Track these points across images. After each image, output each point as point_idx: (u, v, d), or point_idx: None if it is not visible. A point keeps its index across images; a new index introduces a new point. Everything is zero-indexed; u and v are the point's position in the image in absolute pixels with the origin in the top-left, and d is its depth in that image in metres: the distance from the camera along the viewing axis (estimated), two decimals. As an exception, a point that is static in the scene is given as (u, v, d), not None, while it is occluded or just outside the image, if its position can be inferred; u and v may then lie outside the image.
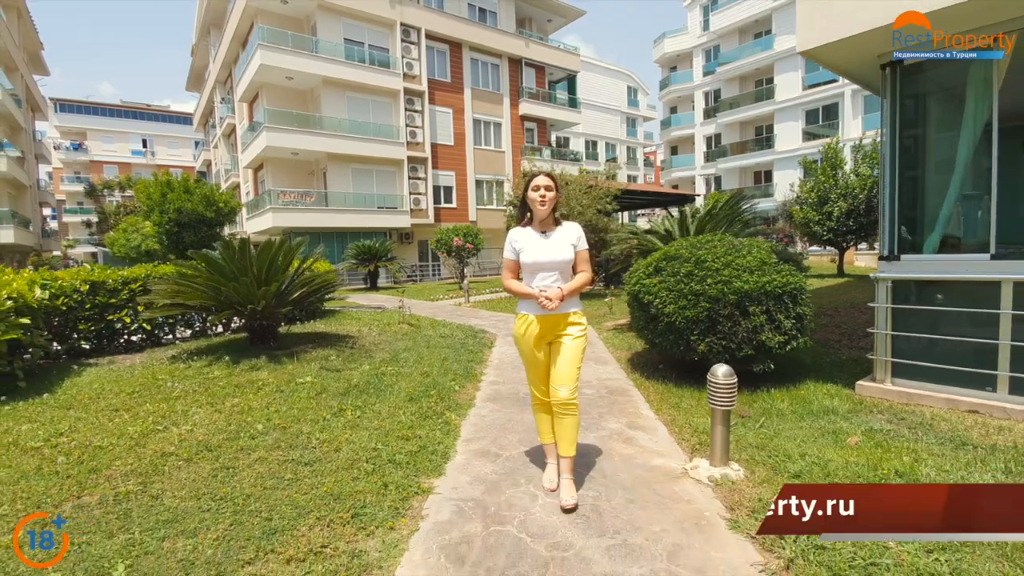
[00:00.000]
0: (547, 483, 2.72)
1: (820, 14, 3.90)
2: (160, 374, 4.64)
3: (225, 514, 2.42)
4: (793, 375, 4.64)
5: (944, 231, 3.99)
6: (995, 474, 2.62)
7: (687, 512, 2.47)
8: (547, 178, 2.60)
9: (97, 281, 5.74)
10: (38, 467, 2.88)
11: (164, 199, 13.41)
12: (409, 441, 3.35)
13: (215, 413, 3.71)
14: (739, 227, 6.97)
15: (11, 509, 2.48)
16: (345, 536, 2.27)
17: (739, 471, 2.80)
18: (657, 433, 3.54)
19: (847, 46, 3.92)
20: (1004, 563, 1.92)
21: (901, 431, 3.27)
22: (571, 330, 2.60)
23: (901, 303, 4.06)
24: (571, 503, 2.49)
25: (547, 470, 2.80)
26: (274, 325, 5.54)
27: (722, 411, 2.79)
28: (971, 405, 3.69)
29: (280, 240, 5.24)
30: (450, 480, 2.86)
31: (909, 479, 2.57)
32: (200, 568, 2.03)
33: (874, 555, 1.98)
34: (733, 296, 4.13)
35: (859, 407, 3.82)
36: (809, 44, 3.99)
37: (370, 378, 4.63)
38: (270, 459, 3.02)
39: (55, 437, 3.29)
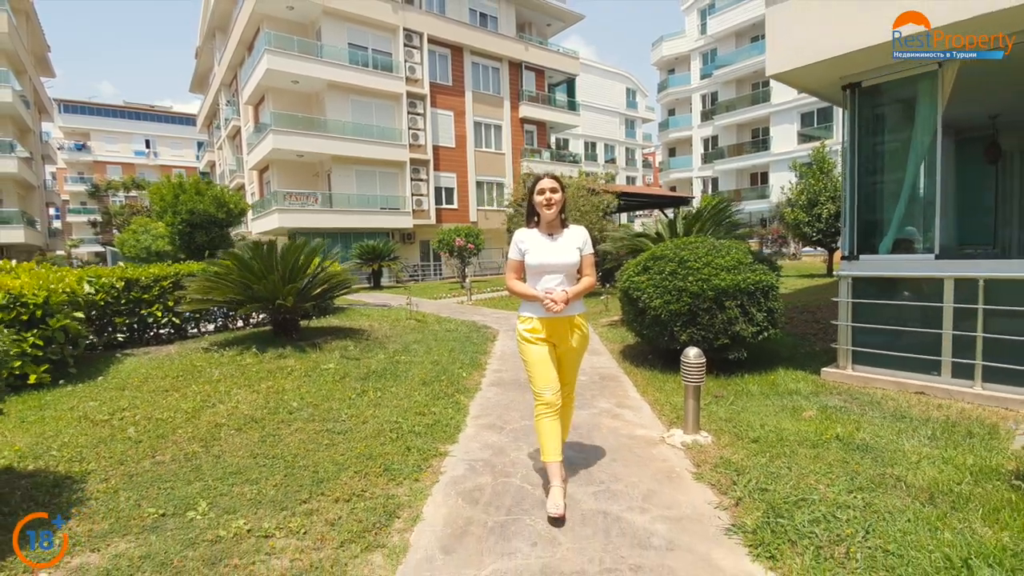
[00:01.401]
0: (552, 508, 2.39)
1: (785, 44, 4.40)
2: (197, 362, 5.15)
3: (279, 468, 2.92)
4: (767, 363, 5.14)
5: (897, 234, 4.49)
6: (921, 439, 3.13)
7: (661, 468, 2.97)
8: (552, 180, 2.59)
9: (131, 278, 6.23)
10: (111, 435, 3.39)
11: (177, 200, 13.87)
12: (425, 416, 3.85)
13: (253, 393, 4.21)
14: (724, 230, 7.48)
15: (98, 466, 2.98)
16: (379, 485, 2.78)
17: (708, 437, 3.31)
18: (641, 411, 4.04)
19: (811, 71, 4.43)
20: (909, 499, 2.42)
21: (852, 408, 3.78)
22: (574, 335, 2.63)
23: (860, 298, 4.57)
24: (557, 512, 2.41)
25: (552, 493, 2.47)
26: (296, 319, 6.05)
27: (693, 387, 3.30)
28: (918, 387, 4.20)
29: (303, 242, 5.75)
30: (462, 446, 3.37)
31: (846, 442, 3.08)
32: (267, 505, 2.54)
33: (804, 493, 2.48)
34: (711, 292, 4.63)
35: (821, 389, 4.33)
36: (777, 69, 4.49)
37: (386, 365, 5.14)
38: (308, 429, 3.52)
39: (119, 412, 3.80)
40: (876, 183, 4.67)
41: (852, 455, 2.91)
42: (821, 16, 4.21)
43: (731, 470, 2.81)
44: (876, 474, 2.66)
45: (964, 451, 2.90)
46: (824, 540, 2.12)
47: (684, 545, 2.20)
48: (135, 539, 2.24)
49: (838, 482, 2.58)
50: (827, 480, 2.61)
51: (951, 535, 2.07)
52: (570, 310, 2.57)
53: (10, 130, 25.58)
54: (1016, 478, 2.49)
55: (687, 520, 2.41)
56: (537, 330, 2.58)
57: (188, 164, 50.86)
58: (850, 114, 4.55)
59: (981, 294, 3.86)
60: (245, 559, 2.10)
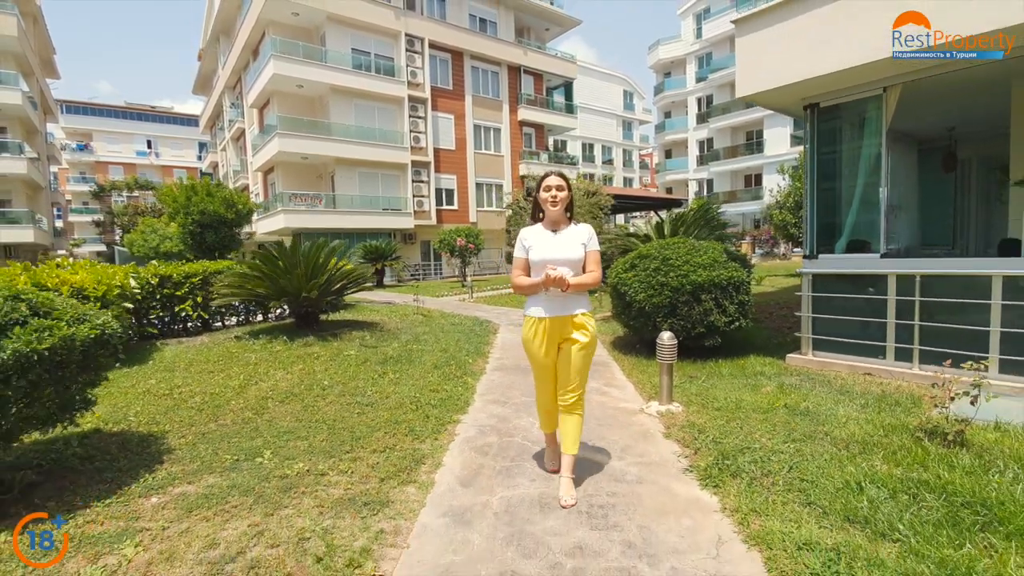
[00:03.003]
0: (548, 463, 2.87)
1: (752, 71, 5.03)
2: (232, 349, 5.76)
3: (323, 429, 3.54)
4: (741, 351, 5.76)
5: (851, 235, 5.13)
6: (854, 407, 3.75)
7: (638, 430, 3.59)
8: (559, 178, 2.62)
9: (165, 275, 6.83)
10: (176, 405, 4.00)
11: (189, 202, 14.47)
12: (439, 393, 4.46)
13: (288, 374, 4.83)
14: (707, 231, 8.11)
15: (172, 427, 3.59)
16: (406, 442, 3.39)
17: (679, 407, 3.93)
18: (626, 389, 4.67)
19: (775, 93, 5.06)
20: (830, 447, 3.04)
21: (804, 385, 4.41)
22: (579, 335, 2.58)
23: (819, 292, 5.20)
24: (570, 502, 2.53)
25: (546, 453, 2.95)
26: (317, 312, 6.66)
27: (667, 364, 3.92)
28: (867, 369, 4.83)
29: (323, 242, 6.36)
30: (472, 416, 3.98)
31: (792, 409, 3.71)
32: (318, 454, 3.15)
33: (749, 443, 3.11)
34: (689, 287, 5.26)
35: (783, 372, 4.95)
36: (746, 92, 5.12)
37: (401, 352, 5.76)
38: (340, 402, 4.14)
39: (176, 388, 4.41)
40: (832, 190, 5.30)
41: (794, 418, 3.53)
42: (783, 48, 4.83)
43: (694, 430, 3.44)
44: (809, 431, 3.29)
45: (886, 415, 3.53)
46: (757, 473, 2.74)
47: (650, 480, 2.82)
48: (220, 476, 2.85)
49: (777, 436, 3.21)
50: (769, 435, 3.24)
51: (854, 468, 2.70)
52: (572, 307, 2.56)
53: (19, 132, 26.10)
54: (919, 432, 3.11)
55: (655, 464, 3.03)
56: (540, 333, 2.57)
57: (189, 164, 51.37)
58: (809, 130, 5.18)
59: (918, 288, 4.49)
60: (309, 488, 2.71)
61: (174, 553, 2.15)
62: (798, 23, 4.66)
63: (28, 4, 26.80)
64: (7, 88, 23.81)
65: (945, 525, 2.15)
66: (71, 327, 2.46)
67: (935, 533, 2.10)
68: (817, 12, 4.46)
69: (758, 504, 2.44)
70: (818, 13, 4.46)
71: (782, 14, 4.77)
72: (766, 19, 4.86)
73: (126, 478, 2.80)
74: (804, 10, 4.61)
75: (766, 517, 2.33)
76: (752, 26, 4.98)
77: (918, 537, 2.08)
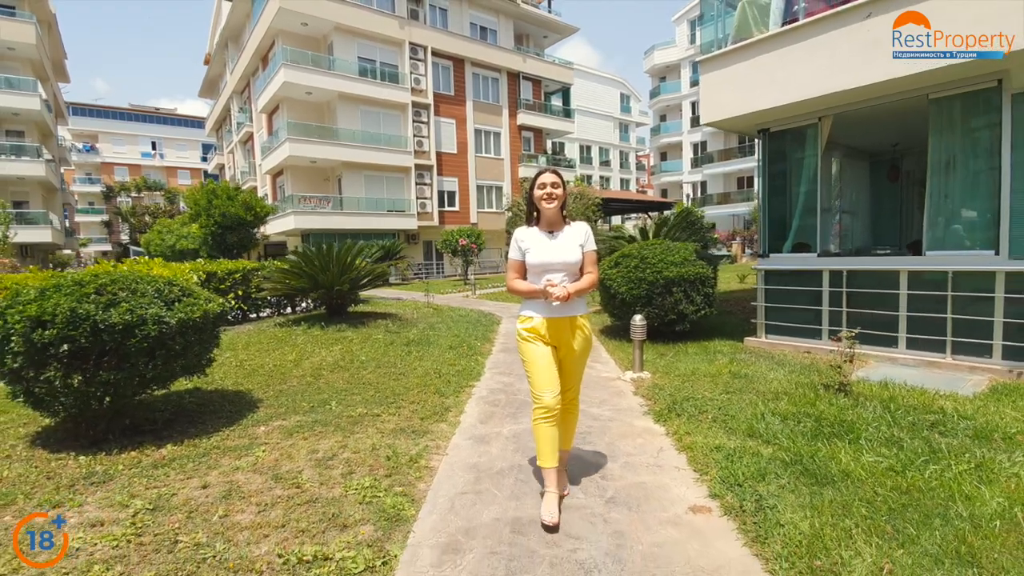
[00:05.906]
0: (546, 516, 2.34)
1: (714, 102, 6.08)
2: (279, 334, 6.80)
3: (368, 390, 4.57)
4: (708, 336, 6.80)
5: (795, 238, 6.18)
6: (784, 372, 4.79)
7: (614, 390, 4.64)
8: (553, 175, 2.53)
9: (211, 271, 7.85)
10: (250, 373, 5.04)
11: (211, 205, 15.47)
12: (455, 366, 5.50)
13: (331, 352, 5.86)
14: (689, 233, 9.16)
15: (255, 387, 4.61)
16: (435, 398, 4.42)
17: (647, 375, 4.98)
18: (608, 364, 5.71)
19: (733, 120, 6.11)
20: (754, 397, 4.08)
21: (751, 359, 5.45)
22: (577, 337, 2.55)
23: (770, 285, 6.25)
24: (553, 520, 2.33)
25: (546, 499, 2.44)
26: (345, 304, 7.69)
27: (639, 341, 4.96)
28: (807, 349, 5.88)
29: (350, 244, 7.40)
30: (483, 383, 5.01)
31: (734, 373, 4.75)
32: (370, 403, 4.18)
33: (693, 395, 4.15)
34: (662, 281, 6.29)
35: (739, 351, 6.00)
36: (709, 119, 6.18)
37: (420, 336, 6.79)
38: (378, 372, 5.18)
39: (244, 362, 5.45)
40: (781, 200, 6.35)
41: (735, 380, 4.58)
42: (736, 86, 5.88)
43: (656, 389, 4.48)
44: (742, 387, 4.34)
45: (803, 377, 4.58)
46: (695, 412, 3.79)
47: (619, 419, 3.86)
48: (304, 415, 3.89)
49: (716, 390, 4.26)
50: (711, 390, 4.29)
51: (763, 407, 3.74)
52: (572, 310, 2.52)
53: (35, 135, 27.07)
54: (820, 386, 4.16)
55: (623, 410, 4.07)
56: (537, 330, 2.52)
57: (193, 166, 52.31)
58: (762, 149, 6.23)
59: (845, 281, 5.55)
60: (370, 423, 3.75)
61: (291, 455, 3.18)
62: (747, 66, 5.71)
63: (44, 11, 27.75)
64: (26, 94, 24.78)
65: (809, 435, 3.19)
66: (207, 304, 3.49)
67: (801, 439, 3.14)
68: (759, 60, 5.52)
69: (691, 429, 3.49)
70: (760, 60, 5.52)
71: (735, 58, 5.82)
72: (723, 61, 5.91)
73: (237, 416, 3.83)
74: (752, 55, 5.66)
75: (694, 436, 3.37)
76: (711, 66, 6.04)
77: (788, 442, 3.12)
